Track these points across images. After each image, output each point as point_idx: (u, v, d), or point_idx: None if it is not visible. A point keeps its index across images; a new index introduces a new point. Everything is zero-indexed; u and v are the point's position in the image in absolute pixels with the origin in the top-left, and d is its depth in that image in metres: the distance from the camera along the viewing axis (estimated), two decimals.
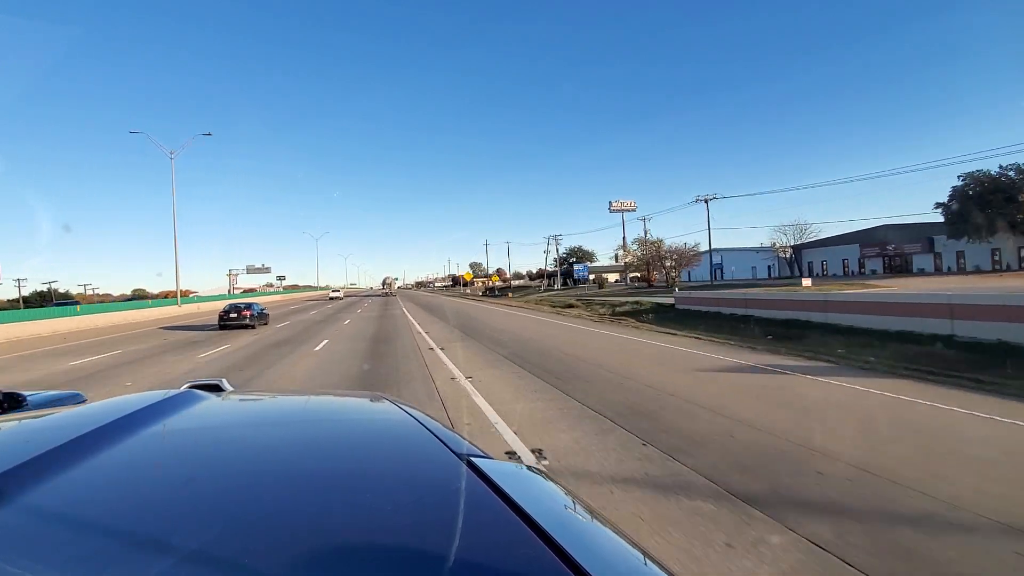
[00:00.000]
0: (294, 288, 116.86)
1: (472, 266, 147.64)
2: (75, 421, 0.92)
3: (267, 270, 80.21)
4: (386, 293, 70.72)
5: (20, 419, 1.01)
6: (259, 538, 0.57)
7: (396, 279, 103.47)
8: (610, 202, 62.34)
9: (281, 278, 68.39)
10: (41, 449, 0.70)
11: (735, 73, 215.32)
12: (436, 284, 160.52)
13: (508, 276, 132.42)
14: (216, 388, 1.31)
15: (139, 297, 66.58)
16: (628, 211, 62.27)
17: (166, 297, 58.76)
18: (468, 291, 75.35)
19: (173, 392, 1.09)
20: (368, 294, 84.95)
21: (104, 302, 50.85)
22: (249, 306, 21.15)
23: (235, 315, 20.21)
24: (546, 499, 0.72)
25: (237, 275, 76.63)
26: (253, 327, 19.98)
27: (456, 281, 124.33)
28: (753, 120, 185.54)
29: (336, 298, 60.72)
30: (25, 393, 1.40)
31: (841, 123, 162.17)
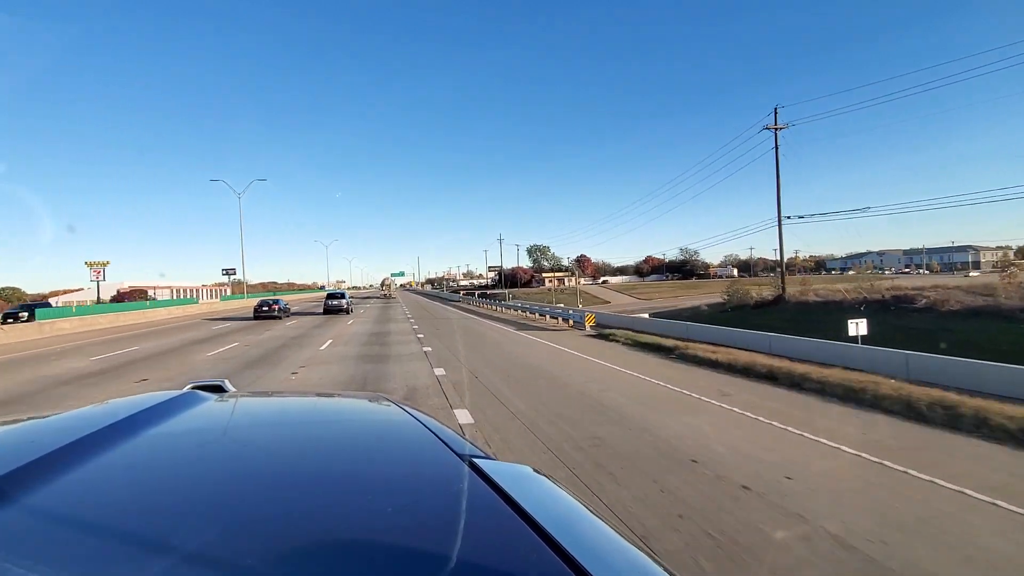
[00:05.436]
0: (271, 289, 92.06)
1: (531, 251, 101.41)
2: (77, 423, 0.92)
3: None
4: (384, 295, 68.99)
5: (23, 420, 1.00)
6: (262, 539, 0.58)
7: (401, 274, 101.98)
8: None
9: (229, 271, 47.79)
10: (44, 451, 0.70)
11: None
12: (461, 281, 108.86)
13: (593, 267, 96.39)
14: (218, 389, 1.31)
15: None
16: None
17: (43, 303, 33.94)
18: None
19: (175, 393, 1.10)
20: (368, 295, 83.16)
21: None
22: None
23: None
24: (548, 501, 0.72)
25: None
26: None
27: (510, 279, 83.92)
28: None
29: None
30: None
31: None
